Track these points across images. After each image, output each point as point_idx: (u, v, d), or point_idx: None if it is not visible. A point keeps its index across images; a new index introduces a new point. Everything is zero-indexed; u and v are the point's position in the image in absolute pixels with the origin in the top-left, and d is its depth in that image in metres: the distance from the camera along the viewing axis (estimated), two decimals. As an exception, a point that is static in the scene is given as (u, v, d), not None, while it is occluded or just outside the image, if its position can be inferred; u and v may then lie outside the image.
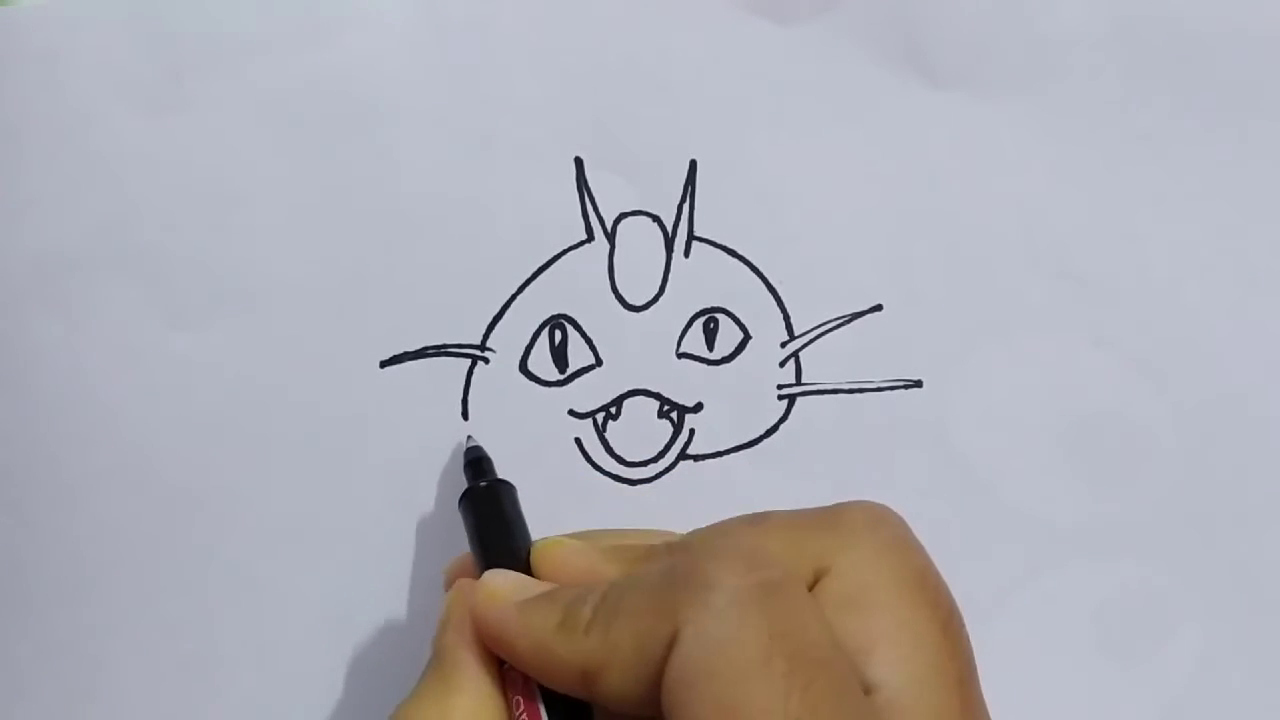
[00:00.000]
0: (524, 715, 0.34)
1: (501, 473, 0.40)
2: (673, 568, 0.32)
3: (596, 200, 0.42)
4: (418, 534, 0.42)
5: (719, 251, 0.42)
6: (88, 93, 0.40)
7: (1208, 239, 0.43)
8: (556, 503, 0.41)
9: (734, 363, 0.43)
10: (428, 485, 0.42)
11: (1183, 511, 0.44)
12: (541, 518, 0.42)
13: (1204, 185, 0.43)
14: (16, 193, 0.41)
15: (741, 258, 0.42)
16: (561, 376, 0.42)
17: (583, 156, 0.42)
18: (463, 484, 0.40)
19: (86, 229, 0.41)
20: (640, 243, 0.42)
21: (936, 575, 0.34)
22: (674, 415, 0.42)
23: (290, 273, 0.41)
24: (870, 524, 0.35)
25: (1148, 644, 0.44)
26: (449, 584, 0.39)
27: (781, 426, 0.43)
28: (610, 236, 0.42)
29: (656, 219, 0.42)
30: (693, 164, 0.42)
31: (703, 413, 0.43)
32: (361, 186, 0.41)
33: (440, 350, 0.42)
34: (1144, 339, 0.43)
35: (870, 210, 0.42)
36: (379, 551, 0.42)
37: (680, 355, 0.42)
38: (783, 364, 0.43)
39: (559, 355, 0.42)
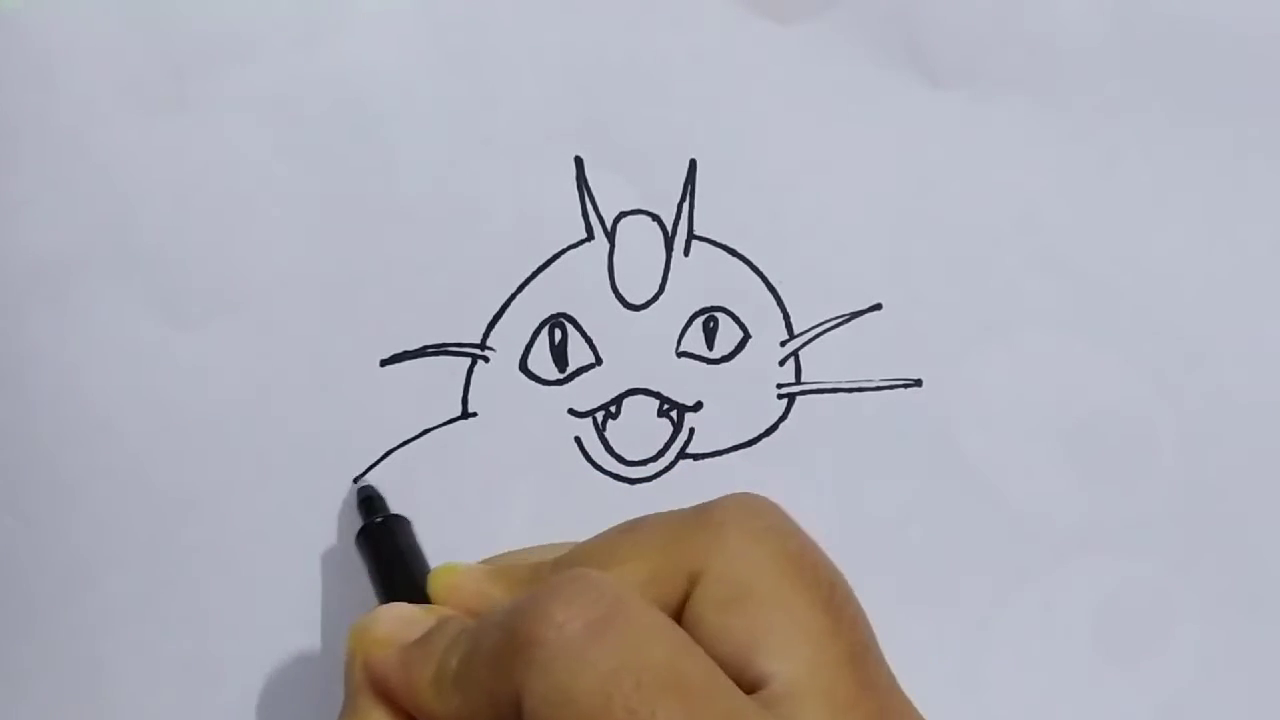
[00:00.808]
0: None
1: (501, 472, 0.40)
2: (508, 618, 0.32)
3: (596, 199, 0.42)
4: (418, 533, 0.42)
5: (719, 250, 0.42)
6: (87, 92, 0.40)
7: (1208, 238, 0.43)
8: (556, 502, 0.41)
9: (734, 362, 0.43)
10: (428, 485, 0.42)
11: (1183, 511, 0.44)
12: (541, 517, 0.42)
13: (1204, 185, 0.43)
14: (15, 192, 0.40)
15: (741, 257, 0.42)
16: (561, 375, 0.42)
17: (582, 155, 0.42)
18: (462, 489, 0.41)
19: (85, 228, 0.41)
20: (640, 242, 0.42)
21: (814, 555, 0.34)
22: (674, 414, 0.42)
23: (290, 272, 0.41)
24: (740, 517, 0.34)
25: (1147, 644, 0.44)
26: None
27: (781, 425, 0.43)
28: (610, 235, 0.42)
29: (656, 218, 0.42)
30: (693, 163, 0.42)
31: (702, 412, 0.43)
32: (361, 186, 0.41)
33: (440, 349, 0.42)
34: (1144, 339, 0.43)
35: (870, 209, 0.42)
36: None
37: (680, 354, 0.42)
38: (782, 363, 0.43)
39: (559, 354, 0.42)
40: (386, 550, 0.39)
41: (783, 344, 0.43)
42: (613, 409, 0.42)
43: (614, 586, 0.32)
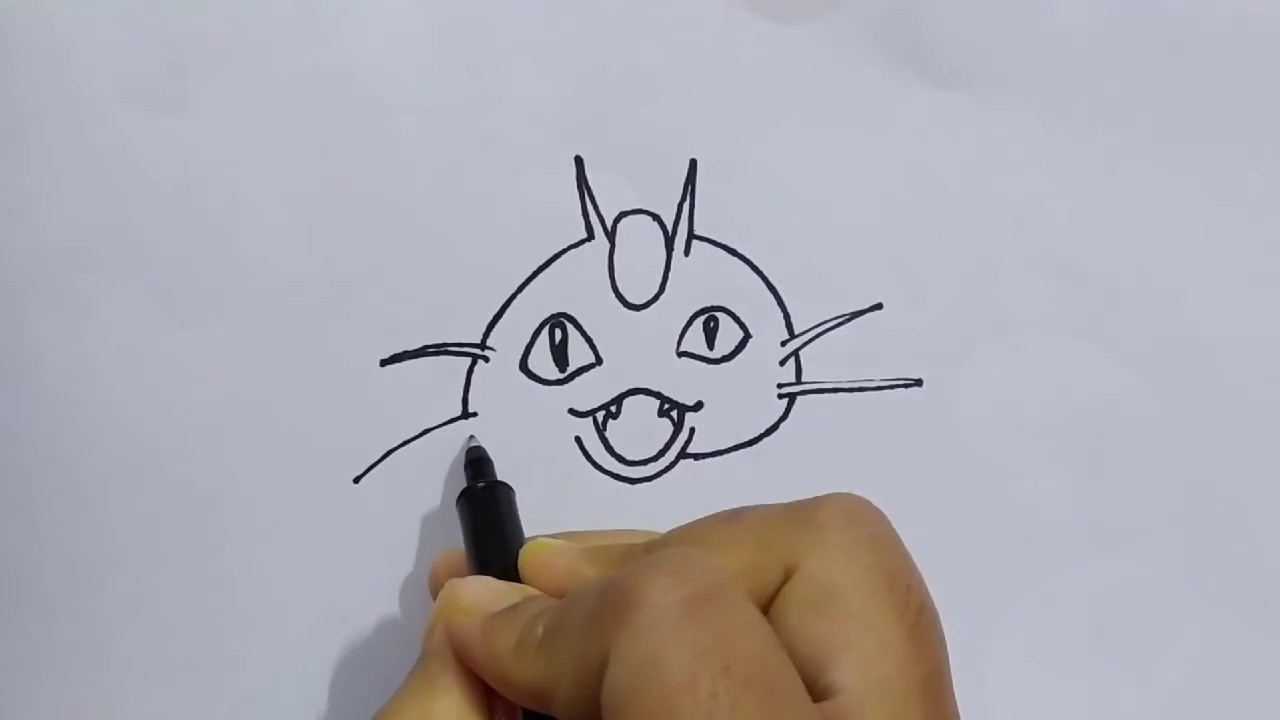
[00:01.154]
0: None
1: (502, 472, 0.40)
2: (606, 587, 0.32)
3: (597, 199, 0.42)
4: (419, 533, 0.42)
5: (719, 250, 0.42)
6: (89, 91, 0.40)
7: (1208, 237, 0.43)
8: (556, 501, 0.41)
9: (734, 361, 0.43)
10: (428, 485, 0.42)
11: (1183, 511, 0.44)
12: (541, 517, 0.42)
13: (1204, 184, 0.43)
14: (17, 191, 0.40)
15: (742, 257, 0.42)
16: (562, 375, 0.42)
17: (583, 155, 0.42)
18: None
19: (87, 227, 0.41)
20: (640, 242, 0.42)
21: (909, 574, 0.33)
22: (674, 414, 0.43)
23: (290, 271, 0.41)
24: (844, 520, 0.34)
25: (1148, 643, 0.44)
26: (435, 579, 0.39)
27: (782, 425, 0.43)
28: (610, 235, 0.42)
29: (656, 218, 0.42)
30: (693, 163, 0.42)
31: (703, 411, 0.43)
32: (362, 185, 0.41)
33: (440, 349, 0.42)
34: (1144, 338, 0.43)
35: (870, 209, 0.42)
36: (380, 551, 0.42)
37: (680, 354, 0.42)
38: (783, 363, 0.43)
39: (559, 354, 0.42)
40: (485, 516, 0.39)
41: (783, 344, 0.43)
42: (613, 409, 0.42)
43: (717, 571, 0.31)
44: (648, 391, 0.42)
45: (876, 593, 0.33)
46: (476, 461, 0.41)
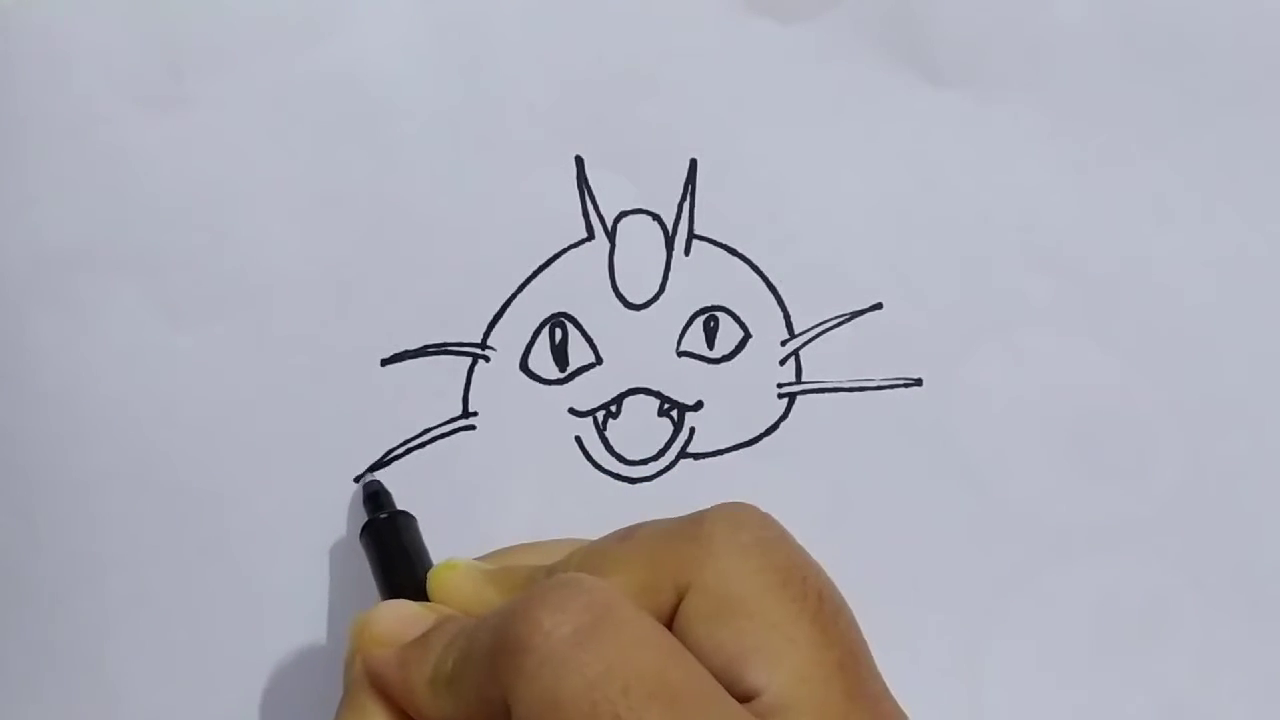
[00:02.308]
0: None
1: (502, 471, 0.40)
2: (498, 626, 0.32)
3: (597, 198, 0.42)
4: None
5: (719, 250, 0.42)
6: (89, 91, 0.40)
7: (1208, 237, 0.43)
8: (556, 502, 0.41)
9: (734, 361, 0.43)
10: (429, 485, 0.42)
11: (1183, 511, 0.44)
12: (542, 517, 0.42)
13: (1204, 183, 0.43)
14: (17, 190, 0.41)
15: (742, 256, 0.42)
16: (562, 375, 0.42)
17: (583, 155, 0.42)
18: (468, 489, 0.41)
19: (87, 227, 0.41)
20: (640, 241, 0.42)
21: (803, 566, 0.34)
22: (674, 414, 0.42)
23: (291, 271, 0.41)
24: (729, 528, 0.34)
25: (1147, 643, 0.44)
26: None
27: (782, 425, 0.43)
28: (610, 235, 0.42)
29: (657, 217, 0.42)
30: (693, 163, 0.42)
31: (703, 411, 0.43)
32: (362, 185, 0.41)
33: (441, 349, 0.42)
34: (1144, 338, 0.43)
35: (871, 209, 0.42)
36: (379, 551, 0.42)
37: (680, 354, 0.42)
38: (783, 362, 0.43)
39: (559, 354, 0.42)
40: (390, 546, 0.40)
41: (783, 343, 0.43)
42: (613, 408, 0.42)
43: (604, 592, 0.32)
44: (648, 391, 0.42)
45: (772, 590, 0.33)
46: (374, 495, 0.41)
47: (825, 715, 0.31)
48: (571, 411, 0.42)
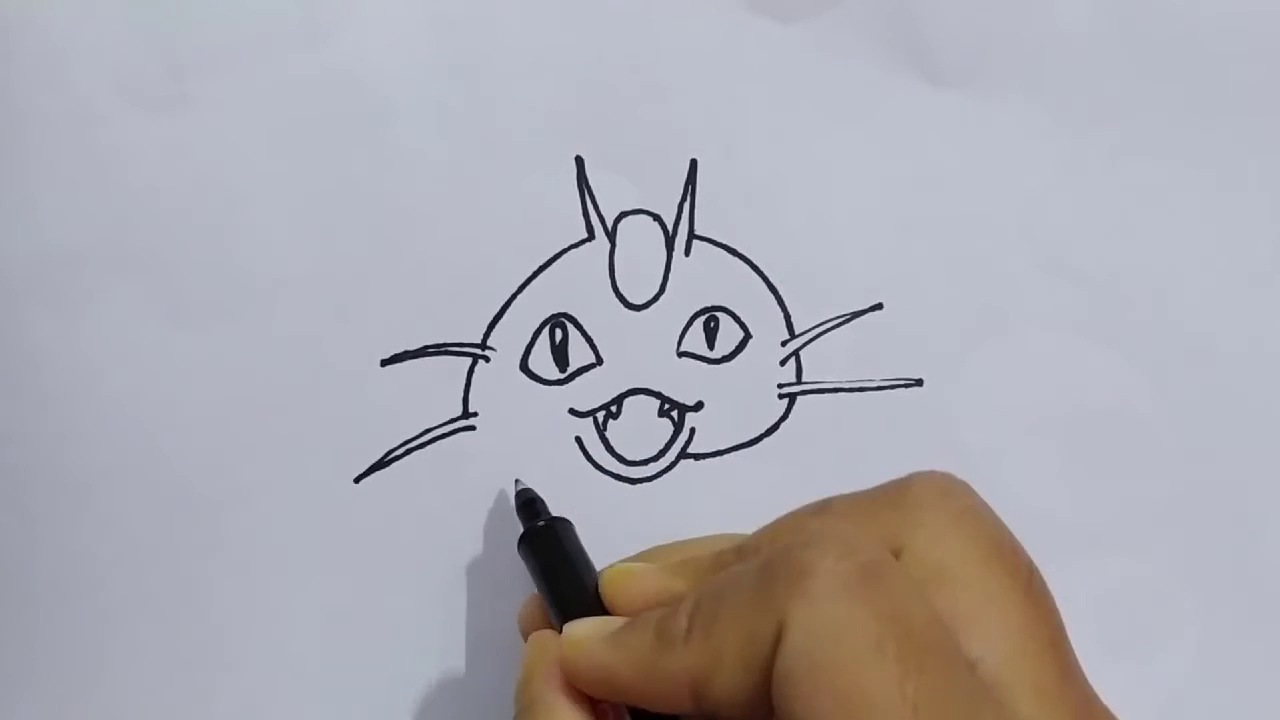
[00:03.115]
0: None
1: (502, 471, 0.40)
2: (768, 561, 0.31)
3: (597, 199, 0.42)
4: (419, 534, 0.42)
5: (719, 250, 0.42)
6: (89, 91, 0.40)
7: (1208, 237, 0.43)
8: (557, 502, 0.41)
9: (734, 361, 0.43)
10: (429, 484, 0.42)
11: (1183, 510, 0.44)
12: (542, 517, 0.42)
13: (1204, 184, 0.43)
14: (18, 190, 0.40)
15: (742, 256, 0.42)
16: (562, 375, 0.42)
17: (583, 155, 0.42)
18: (463, 488, 0.40)
19: (88, 227, 0.41)
20: (641, 241, 0.42)
21: (1011, 539, 0.34)
22: (674, 414, 0.42)
23: (291, 271, 0.41)
24: (938, 496, 0.34)
25: (1147, 642, 0.44)
26: (525, 629, 0.38)
27: (782, 425, 0.43)
28: (611, 235, 0.42)
29: (657, 218, 0.42)
30: (693, 163, 0.42)
31: (703, 411, 0.43)
32: (362, 185, 0.41)
33: (441, 349, 0.42)
34: (1144, 337, 0.43)
35: (871, 209, 0.42)
36: (380, 551, 0.42)
37: (681, 354, 0.42)
38: (783, 363, 0.43)
39: (559, 354, 0.42)
40: (552, 555, 0.39)
41: (784, 344, 0.43)
42: (613, 409, 0.42)
43: (878, 543, 0.32)
44: (648, 391, 0.42)
45: (987, 562, 0.33)
46: (529, 503, 0.40)
47: (1041, 693, 0.31)
48: (572, 412, 0.42)
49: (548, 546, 0.39)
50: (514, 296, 0.42)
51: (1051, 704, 0.31)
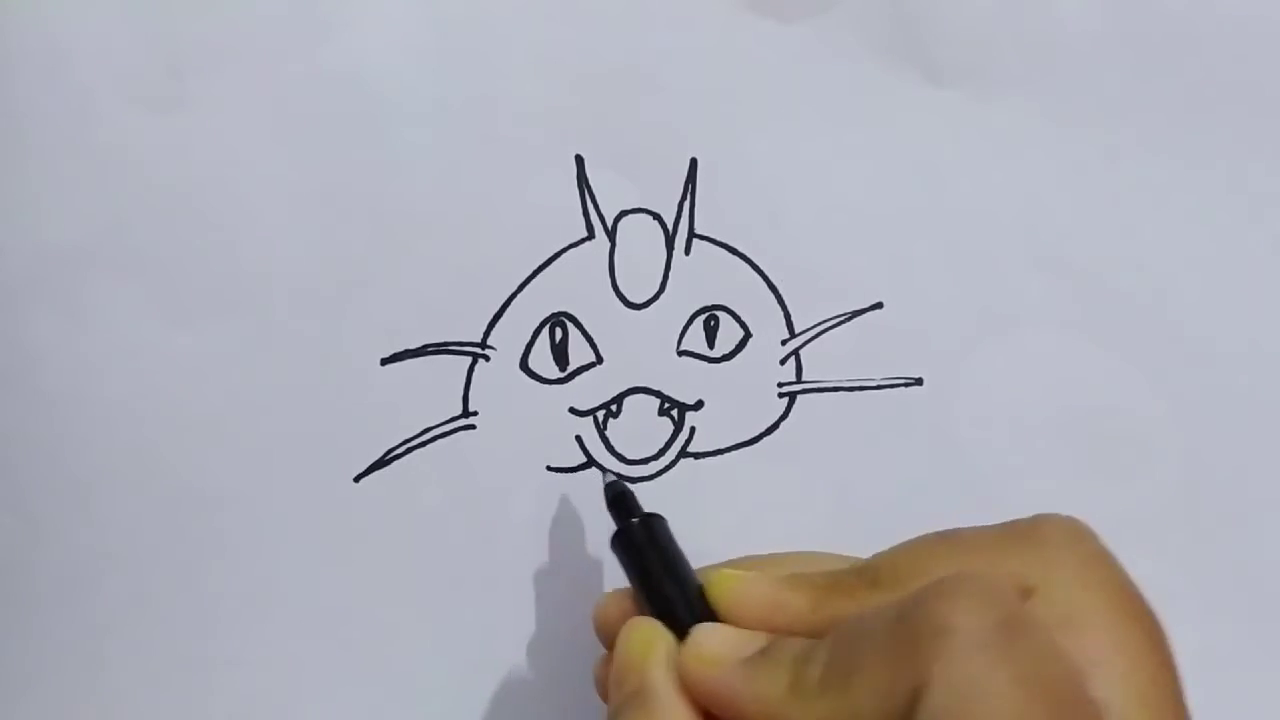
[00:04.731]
0: None
1: (503, 470, 0.40)
2: (904, 613, 0.31)
3: (597, 198, 0.42)
4: (419, 533, 0.42)
5: (720, 249, 0.42)
6: (89, 90, 0.40)
7: (1208, 236, 0.43)
8: (557, 501, 0.41)
9: (735, 360, 0.43)
10: (429, 484, 0.42)
11: (1183, 510, 0.44)
12: (542, 516, 0.42)
13: (1204, 183, 0.43)
14: (18, 190, 0.41)
15: (742, 255, 0.42)
16: (562, 374, 0.42)
17: (583, 154, 0.42)
18: (463, 487, 0.40)
19: (88, 226, 0.41)
20: (641, 240, 0.42)
21: (1135, 585, 0.34)
22: (675, 413, 0.42)
23: (291, 270, 0.41)
24: (1069, 540, 0.34)
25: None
26: (605, 623, 0.37)
27: (782, 424, 0.43)
28: (611, 234, 0.42)
29: (657, 217, 0.42)
30: (693, 162, 0.42)
31: (703, 410, 0.43)
32: (362, 184, 0.41)
33: (441, 348, 0.42)
34: (1144, 337, 0.43)
35: (871, 208, 0.42)
36: (380, 551, 0.42)
37: (681, 353, 0.42)
38: (783, 362, 0.43)
39: (560, 353, 0.42)
40: (648, 554, 0.37)
41: (784, 343, 0.43)
42: (614, 408, 0.42)
43: (1014, 593, 0.31)
44: (648, 390, 0.42)
45: (1119, 609, 0.33)
46: (620, 496, 0.39)
47: None
48: (572, 411, 0.42)
49: (646, 543, 0.38)
50: (514, 295, 0.42)
51: None
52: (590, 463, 0.42)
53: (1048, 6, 0.42)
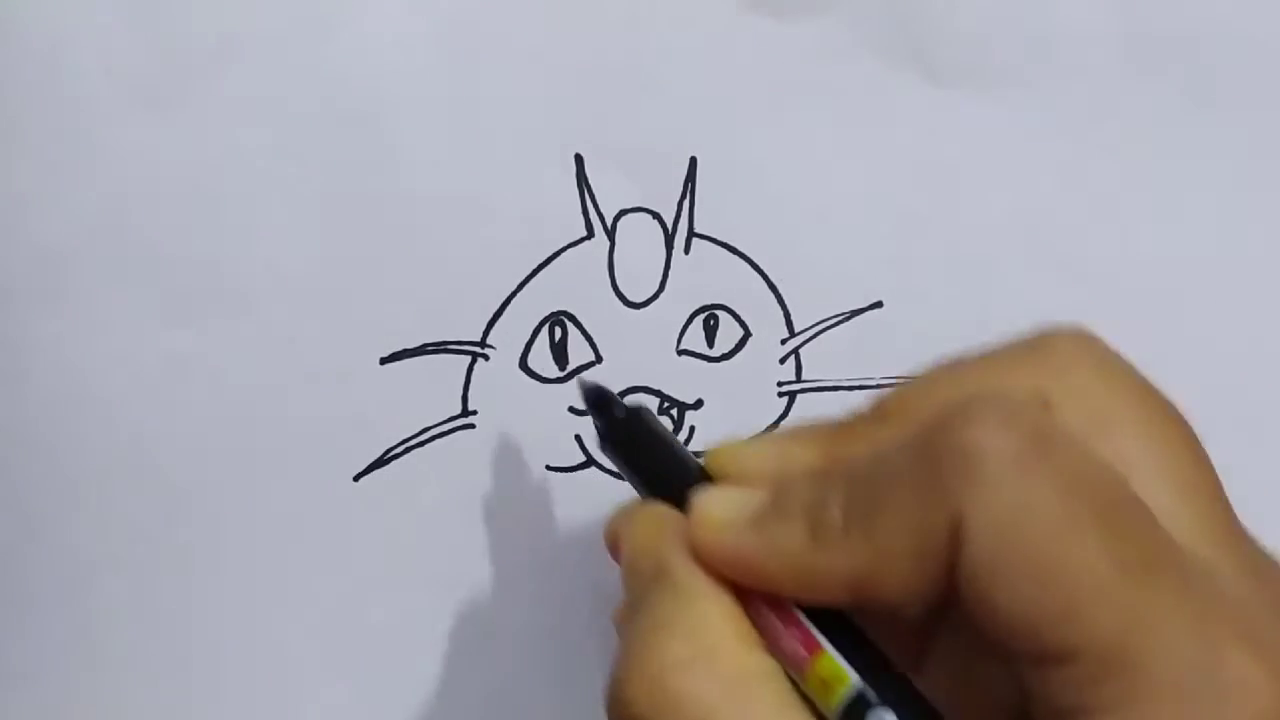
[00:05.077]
0: (788, 631, 0.30)
1: (502, 469, 0.40)
2: (926, 442, 0.29)
3: (597, 197, 0.42)
4: (419, 533, 0.42)
5: (719, 248, 0.42)
6: (87, 89, 0.40)
7: (1209, 237, 0.43)
8: (556, 501, 0.41)
9: (734, 360, 0.43)
10: (428, 483, 0.42)
11: (1183, 511, 0.44)
12: (542, 516, 0.42)
13: (1205, 183, 0.43)
14: (15, 189, 0.41)
15: (742, 255, 0.42)
16: (561, 373, 0.42)
17: (583, 153, 0.42)
18: (462, 486, 0.40)
19: (85, 226, 0.41)
20: (640, 239, 0.42)
21: (1159, 388, 0.32)
22: (674, 412, 0.42)
23: (289, 269, 0.41)
24: (1081, 346, 0.32)
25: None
26: (616, 535, 0.34)
27: (782, 424, 0.43)
28: (610, 233, 0.42)
29: (657, 216, 0.42)
30: (693, 161, 0.42)
31: (703, 410, 0.43)
32: (361, 183, 0.41)
33: (440, 347, 0.42)
34: (1144, 337, 0.43)
35: (871, 207, 0.42)
36: (380, 551, 0.42)
37: (680, 352, 0.42)
38: (783, 361, 0.43)
39: (559, 352, 0.42)
40: (641, 444, 0.35)
41: (783, 342, 0.43)
42: (613, 407, 0.42)
43: (1034, 404, 0.30)
44: (648, 390, 0.42)
45: (1143, 406, 0.31)
46: (599, 396, 0.36)
47: (1215, 542, 0.30)
48: (571, 410, 0.42)
49: (638, 435, 0.35)
50: (513, 294, 0.42)
51: (1224, 552, 0.30)
52: (590, 462, 0.42)
53: (1048, 6, 0.42)
